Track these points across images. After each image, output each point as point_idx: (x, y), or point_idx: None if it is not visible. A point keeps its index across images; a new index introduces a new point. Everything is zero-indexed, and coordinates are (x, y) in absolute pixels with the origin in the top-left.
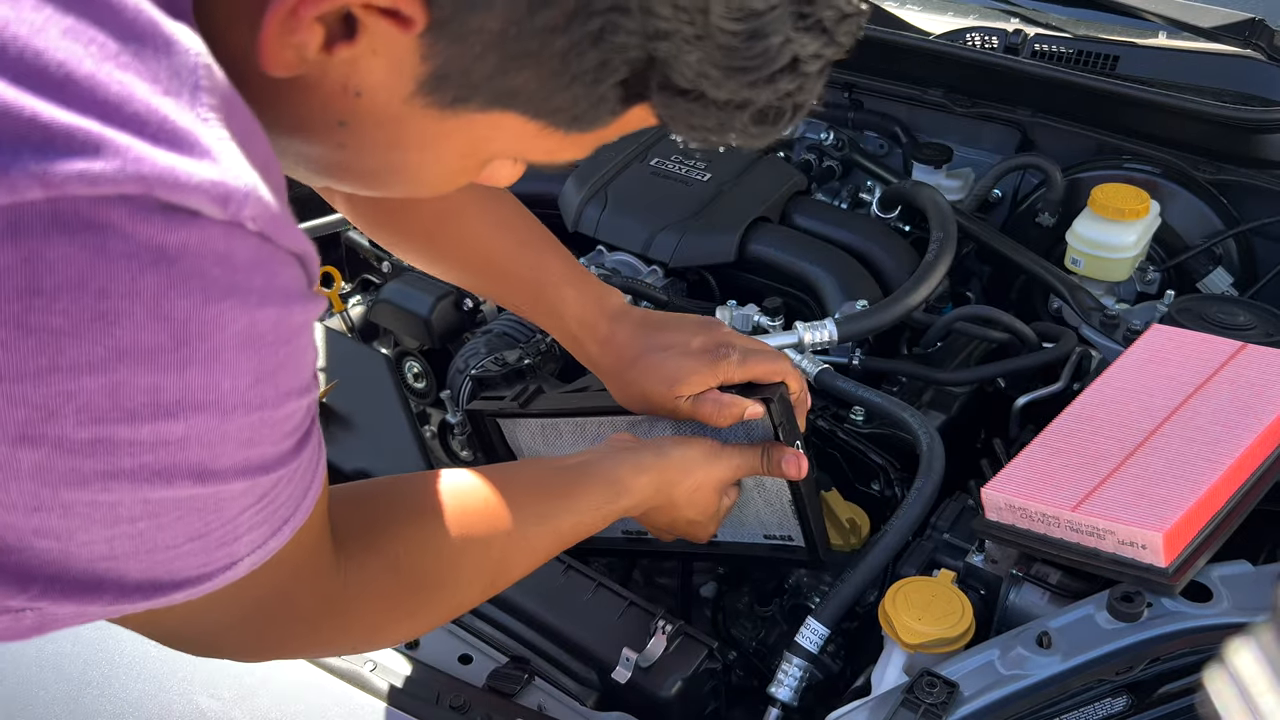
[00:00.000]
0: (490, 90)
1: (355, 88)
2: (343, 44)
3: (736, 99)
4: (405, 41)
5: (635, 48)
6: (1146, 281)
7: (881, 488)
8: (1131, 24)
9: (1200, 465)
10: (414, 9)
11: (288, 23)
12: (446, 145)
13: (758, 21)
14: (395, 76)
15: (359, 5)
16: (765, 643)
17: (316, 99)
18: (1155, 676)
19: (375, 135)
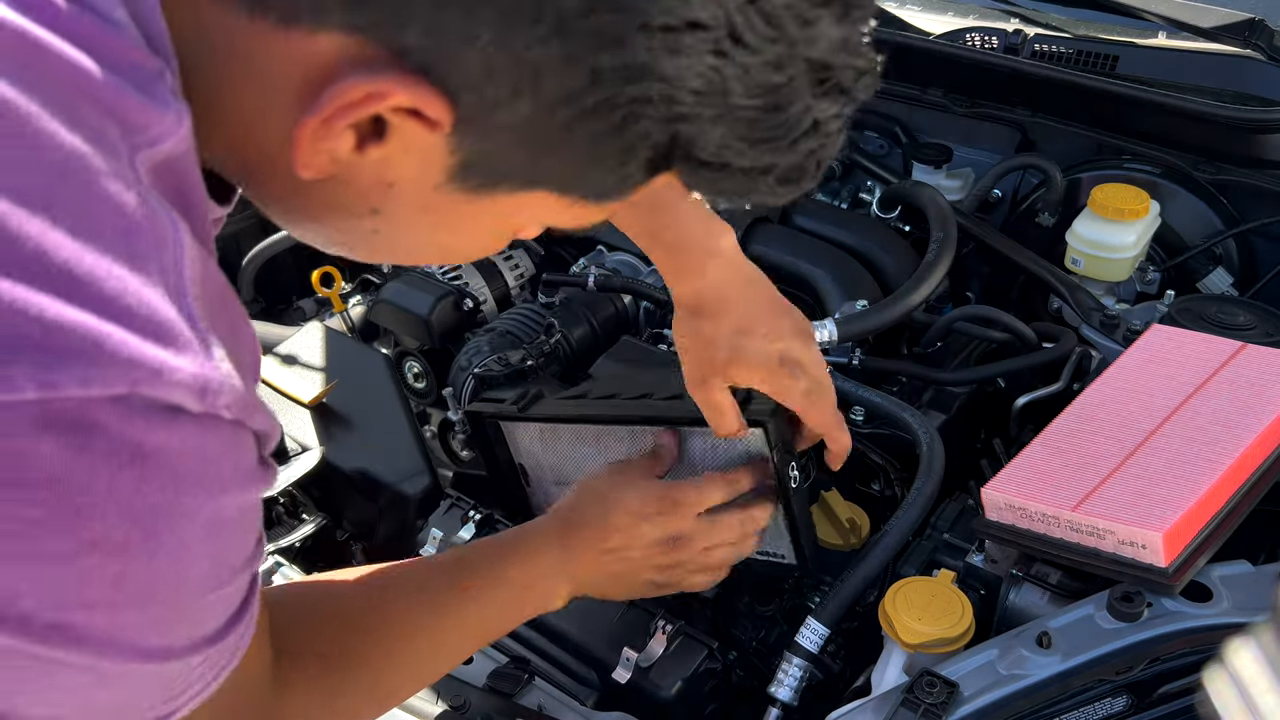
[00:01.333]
0: (518, 176)
1: (388, 180)
2: (373, 144)
3: (760, 165)
4: (433, 139)
5: (658, 131)
6: (1146, 281)
7: (881, 488)
8: (1131, 24)
9: (1200, 465)
10: (439, 111)
11: (319, 131)
12: (478, 224)
13: (777, 96)
14: (425, 169)
15: (387, 110)
16: (765, 642)
17: (350, 191)
18: (1155, 676)
19: (408, 219)
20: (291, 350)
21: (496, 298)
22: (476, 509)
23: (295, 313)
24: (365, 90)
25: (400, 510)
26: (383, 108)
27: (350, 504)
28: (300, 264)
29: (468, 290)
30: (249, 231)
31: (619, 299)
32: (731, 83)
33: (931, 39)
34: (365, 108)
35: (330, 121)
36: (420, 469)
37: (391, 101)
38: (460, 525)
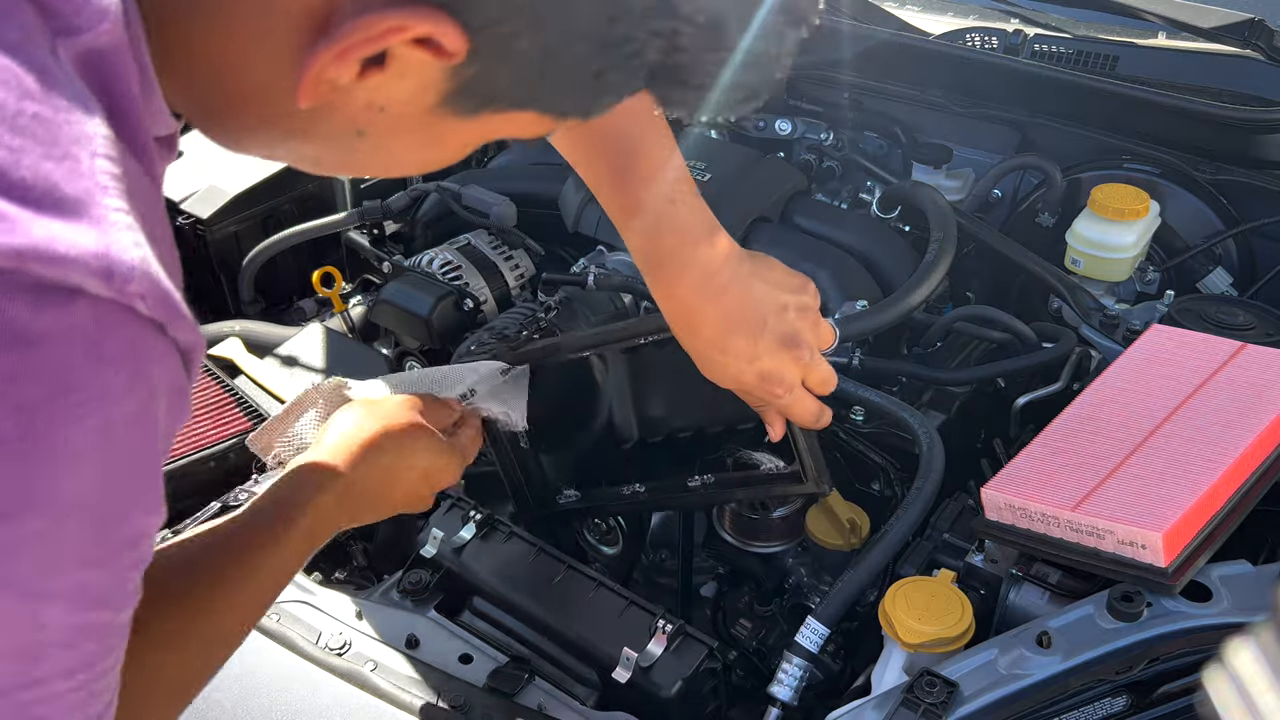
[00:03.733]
0: (513, 98)
1: (380, 104)
2: (374, 71)
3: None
4: (437, 66)
5: (657, 61)
6: (1146, 281)
7: (881, 488)
8: (1131, 24)
9: (1200, 465)
10: (455, 43)
11: (332, 62)
12: (458, 139)
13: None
14: (420, 93)
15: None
16: (765, 642)
17: (338, 115)
18: (1155, 676)
19: (389, 139)
20: (291, 351)
21: (496, 298)
22: (477, 509)
23: (295, 313)
24: (388, 24)
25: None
26: (400, 40)
27: None
28: (300, 264)
29: (468, 290)
30: (249, 232)
31: (619, 298)
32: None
33: (931, 39)
34: (384, 40)
35: (345, 54)
36: None
37: (411, 34)
38: (461, 526)
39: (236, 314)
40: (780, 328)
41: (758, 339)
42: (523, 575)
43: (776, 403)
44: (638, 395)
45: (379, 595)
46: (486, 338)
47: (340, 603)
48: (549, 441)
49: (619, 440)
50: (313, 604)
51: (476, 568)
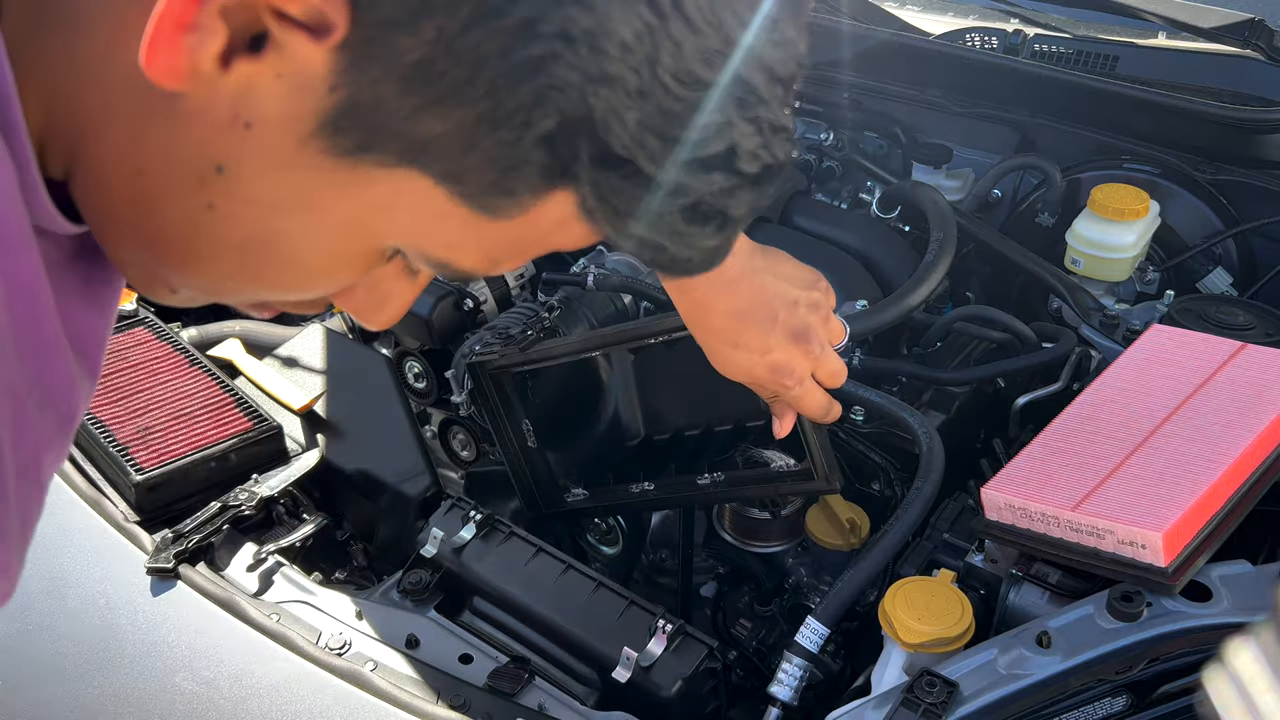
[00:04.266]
0: (400, 139)
1: (246, 117)
2: (245, 57)
3: (670, 183)
4: (316, 61)
5: (573, 88)
6: (1146, 281)
7: (881, 488)
8: (1131, 24)
9: (1200, 465)
10: (337, 12)
11: (188, 10)
12: (336, 209)
13: (703, 91)
14: (296, 107)
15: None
16: (765, 642)
17: (195, 131)
18: (1155, 676)
19: (254, 188)
20: (291, 352)
21: (497, 298)
22: (477, 509)
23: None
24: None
25: (401, 511)
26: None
27: (351, 504)
28: None
29: (468, 290)
30: None
31: (619, 298)
32: (662, 52)
33: (931, 39)
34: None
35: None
36: (420, 470)
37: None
38: (461, 526)
39: (236, 314)
40: (791, 322)
41: (769, 332)
42: (523, 575)
43: (787, 394)
44: (645, 394)
45: (379, 595)
46: (488, 338)
47: (340, 603)
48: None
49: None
50: (313, 604)
51: (476, 568)
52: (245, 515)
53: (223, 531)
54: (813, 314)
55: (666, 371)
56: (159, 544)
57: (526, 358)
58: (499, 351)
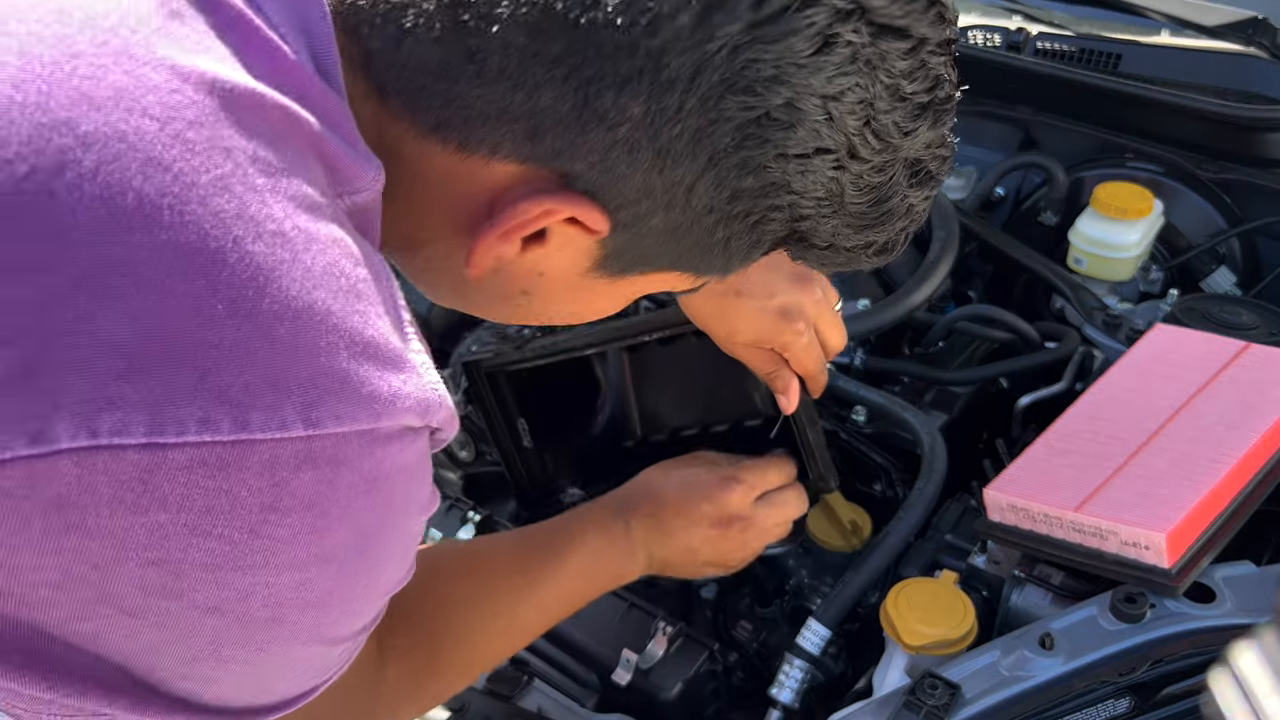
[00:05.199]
0: (657, 263)
1: (540, 270)
2: (534, 245)
3: (862, 243)
4: (589, 240)
5: (783, 228)
6: (1150, 281)
7: (883, 488)
8: (1134, 22)
9: (1204, 465)
10: (599, 224)
11: (494, 242)
12: (611, 297)
13: (880, 192)
14: (576, 262)
15: (554, 222)
16: (766, 644)
17: (505, 280)
18: (1158, 678)
19: (550, 298)
20: None
21: None
22: (476, 510)
23: None
24: (541, 209)
25: None
26: (552, 221)
27: None
28: None
29: None
30: None
31: None
32: (847, 188)
33: None
34: (539, 223)
35: (507, 235)
36: None
37: (559, 217)
38: (459, 526)
39: None
40: (791, 266)
41: (772, 272)
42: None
43: (794, 346)
44: (641, 393)
45: None
46: (487, 337)
47: None
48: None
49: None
50: None
51: None
52: None
53: None
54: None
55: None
56: None
57: (521, 356)
58: (494, 349)
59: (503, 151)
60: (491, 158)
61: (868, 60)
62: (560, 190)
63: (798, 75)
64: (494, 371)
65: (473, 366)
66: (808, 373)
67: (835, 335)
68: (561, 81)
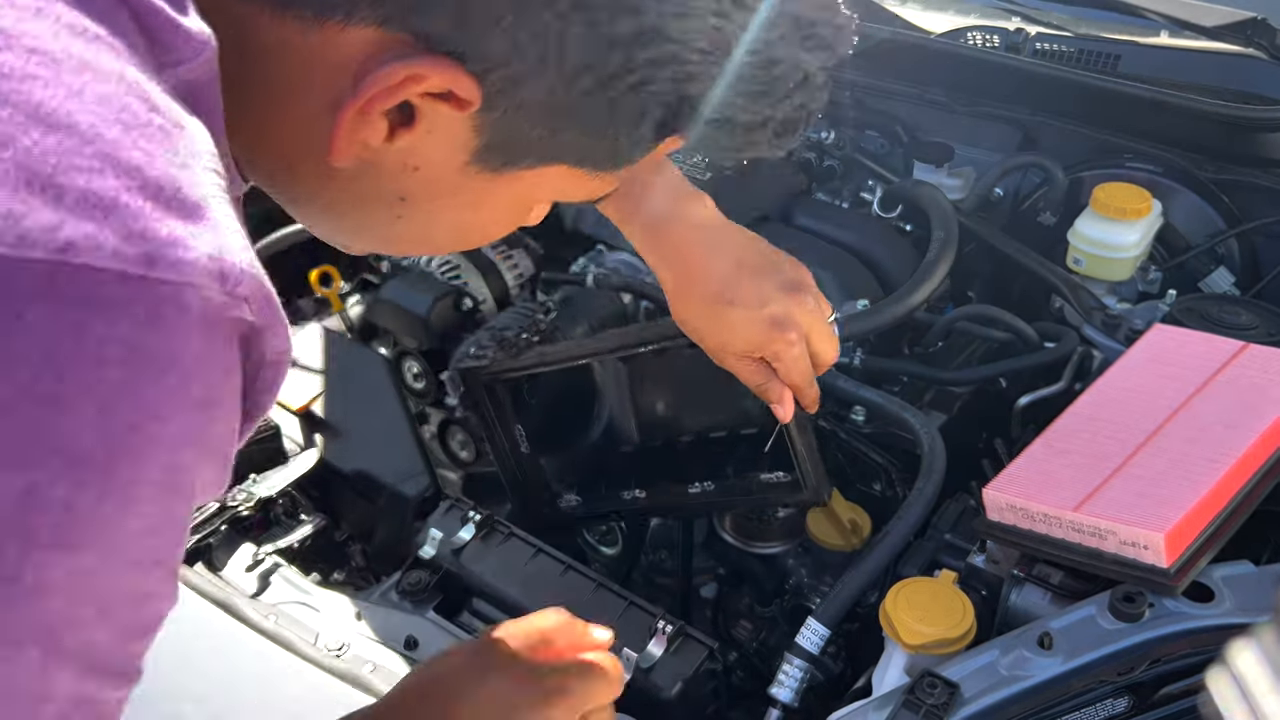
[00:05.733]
0: (538, 150)
1: (414, 164)
2: (402, 130)
3: (759, 118)
4: (460, 119)
5: (669, 91)
6: (1148, 281)
7: (882, 488)
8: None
9: (1202, 465)
10: (469, 91)
11: (356, 119)
12: (498, 201)
13: (770, 51)
14: (450, 150)
15: (419, 94)
16: (766, 643)
17: (377, 179)
18: (1157, 677)
19: (432, 204)
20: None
21: (496, 297)
22: (476, 510)
23: (293, 312)
24: (404, 74)
25: (399, 511)
26: (417, 90)
27: (349, 505)
28: (298, 263)
29: (467, 290)
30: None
31: (619, 298)
32: (732, 41)
33: (933, 37)
34: (402, 91)
35: (368, 108)
36: (419, 470)
37: (426, 85)
38: (460, 526)
39: None
40: (782, 275)
41: (764, 281)
42: (522, 576)
43: (786, 355)
44: (637, 400)
45: (378, 596)
46: (485, 339)
47: (339, 603)
48: (549, 444)
49: (620, 444)
50: (311, 605)
51: (475, 568)
52: (243, 516)
53: (220, 532)
54: (797, 271)
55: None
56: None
57: (517, 364)
58: (490, 358)
59: (357, 14)
60: (347, 23)
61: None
62: (422, 54)
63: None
64: (491, 379)
65: (469, 374)
66: (797, 386)
67: (827, 347)
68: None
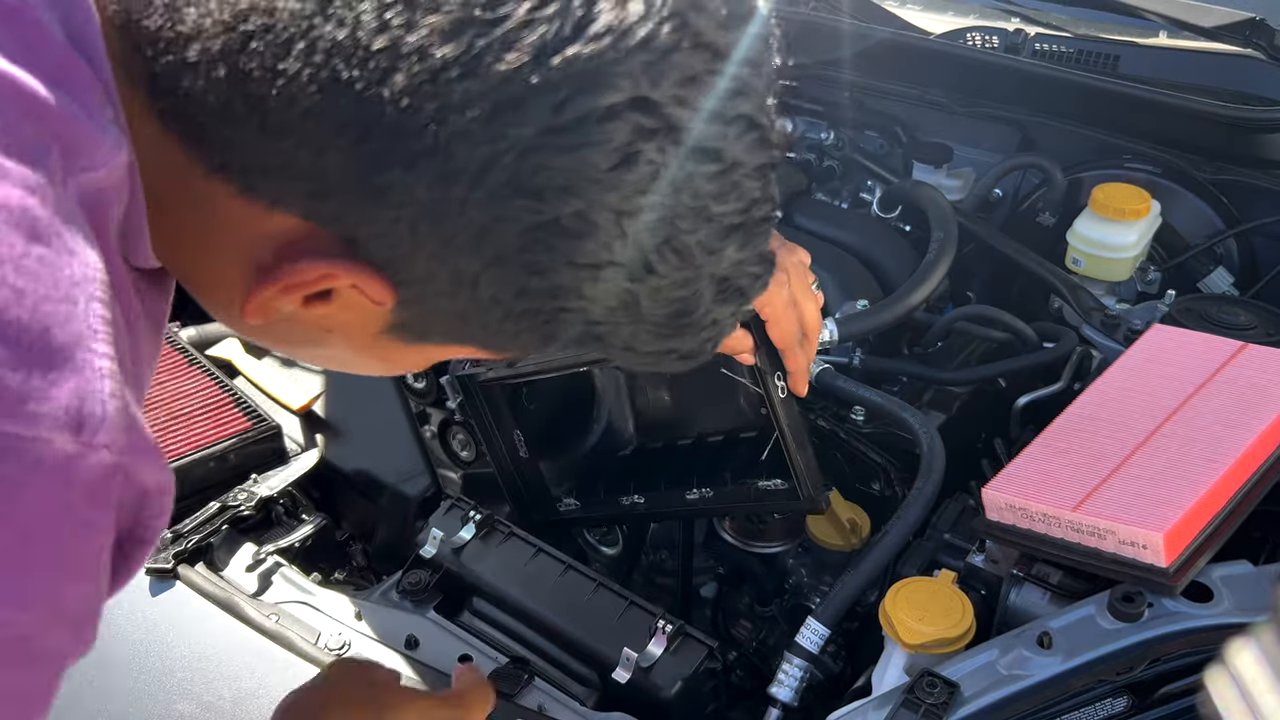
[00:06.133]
0: (449, 337)
1: (328, 327)
2: (318, 303)
3: (664, 349)
4: (374, 310)
5: (576, 329)
6: (1147, 281)
7: (882, 488)
8: (1132, 23)
9: (1201, 465)
10: (383, 295)
11: (271, 298)
12: (411, 359)
13: (682, 305)
14: (362, 324)
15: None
16: (765, 643)
17: (293, 329)
18: (1156, 677)
19: (349, 352)
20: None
21: None
22: (477, 510)
23: None
24: (320, 272)
25: (400, 511)
26: (332, 285)
27: (350, 505)
28: None
29: None
30: None
31: None
32: (643, 300)
33: (932, 38)
34: (317, 285)
35: (286, 291)
36: (420, 470)
37: (342, 282)
38: (460, 526)
39: None
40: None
41: None
42: (522, 575)
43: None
44: (636, 403)
45: (378, 595)
46: None
47: (340, 603)
48: (548, 450)
49: (618, 448)
50: (312, 604)
51: (476, 568)
52: (244, 515)
53: (222, 532)
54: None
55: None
56: (158, 544)
57: (514, 372)
58: (487, 365)
59: (285, 204)
60: (273, 208)
61: (671, 181)
62: (343, 256)
63: (592, 190)
64: (488, 385)
65: (467, 380)
66: (785, 340)
67: (811, 304)
68: (349, 148)
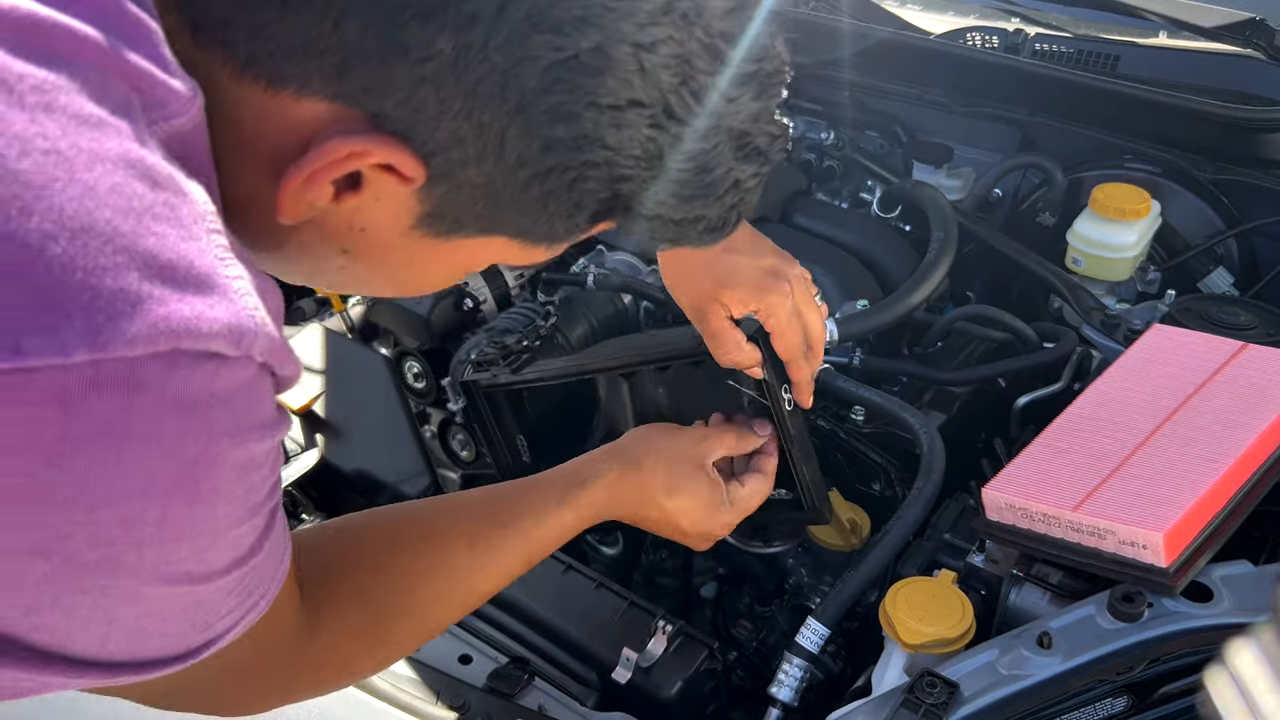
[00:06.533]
0: (479, 223)
1: (359, 225)
2: (349, 194)
3: (690, 217)
4: (405, 191)
5: (603, 189)
6: (1147, 281)
7: (882, 488)
8: (1132, 23)
9: (1201, 465)
10: (412, 169)
11: (302, 185)
12: (437, 263)
13: (704, 159)
14: (395, 217)
15: (365, 166)
16: (765, 643)
17: (322, 234)
18: (1156, 677)
19: (374, 259)
20: None
21: (496, 298)
22: None
23: (295, 312)
24: (348, 150)
25: None
26: (362, 164)
27: (350, 504)
28: None
29: (467, 290)
30: None
31: (619, 298)
32: (666, 150)
33: (932, 38)
34: (347, 165)
35: (314, 177)
36: (420, 469)
37: (370, 160)
38: None
39: None
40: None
41: (760, 242)
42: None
43: (782, 306)
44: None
45: None
46: (485, 342)
47: None
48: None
49: None
50: None
51: None
52: None
53: None
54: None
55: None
56: None
57: (517, 379)
58: (490, 372)
59: (311, 88)
60: (300, 95)
61: (683, 13)
62: (370, 131)
63: (607, 18)
64: (493, 390)
65: (470, 386)
66: (790, 352)
67: (815, 315)
68: (367, 10)
